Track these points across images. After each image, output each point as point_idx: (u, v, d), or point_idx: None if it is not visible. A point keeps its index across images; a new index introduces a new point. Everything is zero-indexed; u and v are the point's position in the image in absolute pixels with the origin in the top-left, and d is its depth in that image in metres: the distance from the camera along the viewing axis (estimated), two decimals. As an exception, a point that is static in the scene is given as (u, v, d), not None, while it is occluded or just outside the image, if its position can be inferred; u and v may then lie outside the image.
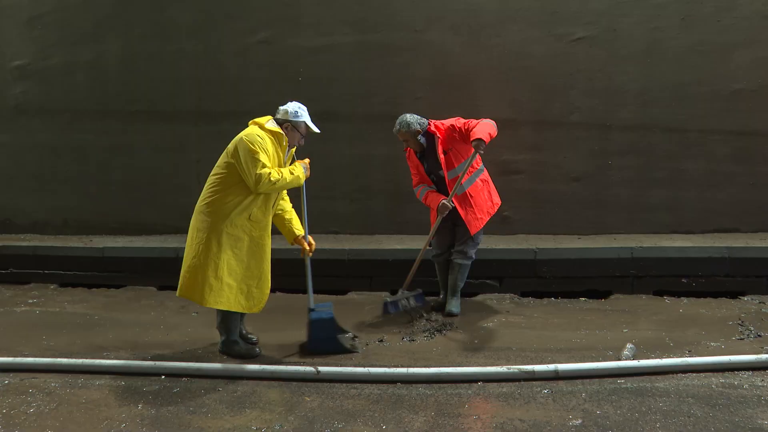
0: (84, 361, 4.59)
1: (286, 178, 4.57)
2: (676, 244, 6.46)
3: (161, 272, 6.69)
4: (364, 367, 4.43)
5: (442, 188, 5.55)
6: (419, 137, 5.46)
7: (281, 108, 4.78)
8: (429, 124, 5.48)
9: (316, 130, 4.84)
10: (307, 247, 5.04)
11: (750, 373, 4.45)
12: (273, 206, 4.84)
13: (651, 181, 6.89)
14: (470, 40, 6.63)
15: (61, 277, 7.00)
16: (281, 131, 4.67)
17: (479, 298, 6.13)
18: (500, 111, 6.20)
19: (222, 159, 4.68)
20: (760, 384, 4.27)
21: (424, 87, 6.70)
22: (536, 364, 4.44)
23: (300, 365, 4.49)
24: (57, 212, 7.71)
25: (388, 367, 4.46)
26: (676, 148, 6.85)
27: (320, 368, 4.37)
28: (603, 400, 4.04)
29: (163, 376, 4.42)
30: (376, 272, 6.33)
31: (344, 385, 4.28)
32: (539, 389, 4.19)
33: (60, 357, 4.70)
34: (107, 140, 7.36)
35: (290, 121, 4.73)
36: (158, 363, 4.54)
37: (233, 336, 4.84)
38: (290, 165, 4.82)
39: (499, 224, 6.44)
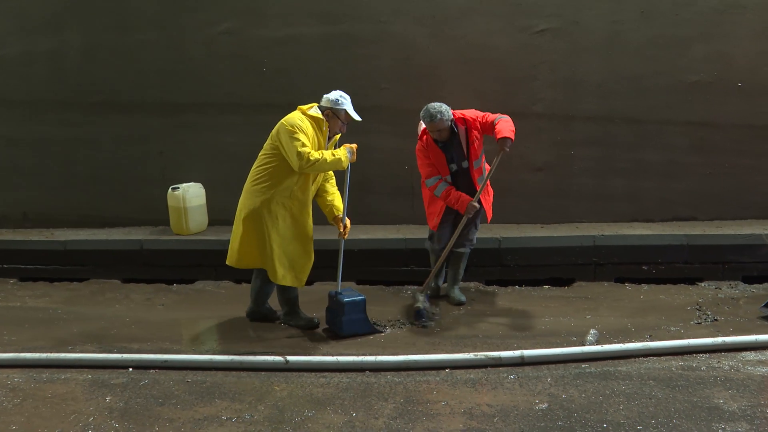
0: (49, 355, 4.56)
1: (326, 159, 4.80)
2: (637, 232, 6.60)
3: (126, 265, 6.64)
4: (333, 356, 4.48)
5: (461, 180, 5.51)
6: (452, 126, 5.41)
7: (324, 96, 5.03)
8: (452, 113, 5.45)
9: (357, 118, 5.05)
10: (341, 229, 5.22)
11: (707, 355, 4.61)
12: (313, 186, 5.11)
13: (612, 171, 7.01)
14: (435, 31, 6.66)
15: (21, 271, 6.88)
16: (322, 117, 4.95)
17: (445, 286, 6.18)
18: (464, 102, 6.23)
19: (267, 143, 5.05)
20: (716, 365, 4.42)
21: (388, 78, 6.71)
22: (502, 350, 4.52)
23: (269, 355, 4.51)
24: (17, 206, 7.55)
25: (357, 355, 4.50)
26: (637, 138, 6.97)
27: (289, 358, 4.41)
28: (568, 384, 4.14)
29: (130, 369, 4.41)
30: (343, 263, 6.32)
31: (313, 374, 4.33)
32: (506, 375, 4.27)
33: (23, 352, 4.64)
34: (68, 132, 7.22)
35: (331, 109, 4.95)
36: (125, 355, 4.53)
37: (294, 308, 5.25)
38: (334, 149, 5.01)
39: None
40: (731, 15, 6.77)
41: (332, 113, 5.00)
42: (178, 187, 6.63)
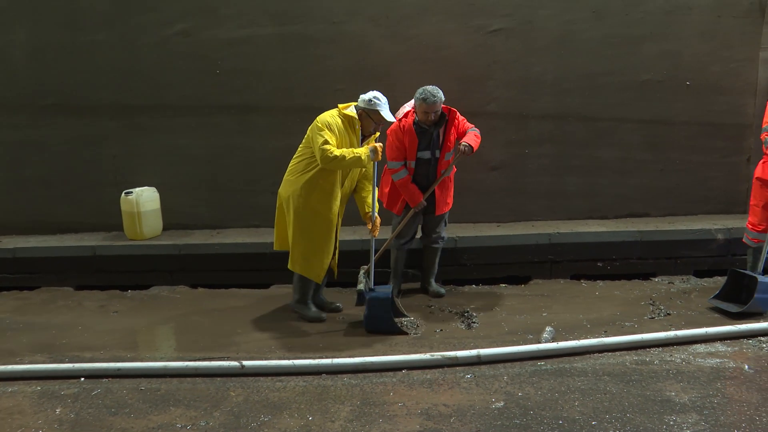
0: (-6, 368, 4.40)
1: (345, 157, 4.86)
2: (592, 229, 6.68)
3: (78, 272, 6.48)
4: (289, 359, 4.45)
5: (425, 169, 5.64)
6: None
7: (361, 95, 5.13)
8: None
9: (390, 119, 5.13)
10: (370, 225, 5.31)
11: (660, 349, 4.71)
12: (348, 182, 5.23)
13: (567, 168, 7.08)
14: (389, 31, 6.65)
15: (-34, 281, 6.63)
16: (355, 116, 5.07)
17: (402, 287, 6.19)
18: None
19: (306, 136, 5.17)
20: (669, 359, 4.51)
21: (344, 78, 6.69)
22: (459, 350, 4.54)
23: (225, 360, 4.47)
24: (-38, 212, 7.31)
25: (313, 358, 4.48)
26: (591, 136, 7.06)
27: (245, 362, 4.37)
28: (524, 382, 4.17)
29: (82, 378, 4.33)
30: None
31: (270, 378, 4.30)
32: (463, 374, 4.30)
33: (-33, 365, 4.47)
34: (17, 135, 6.99)
35: (364, 109, 5.06)
36: (77, 365, 4.43)
37: (303, 298, 5.39)
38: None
39: (421, 214, 6.51)
40: (678, 16, 6.91)
41: (365, 114, 5.11)
42: (132, 192, 6.52)
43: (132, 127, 6.82)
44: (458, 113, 5.62)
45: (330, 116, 5.05)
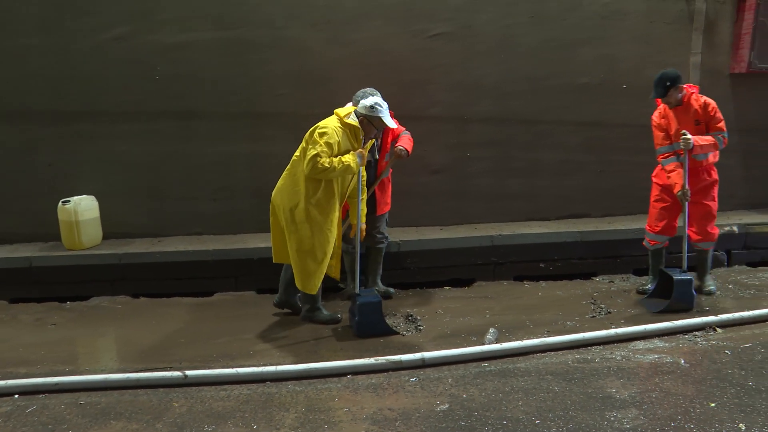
0: None
1: (335, 167, 4.85)
2: (534, 230, 6.77)
3: (13, 284, 6.24)
4: (233, 368, 4.39)
5: (369, 171, 5.67)
6: None
7: (361, 101, 5.10)
8: None
9: (391, 125, 5.15)
10: (354, 232, 5.37)
11: (601, 347, 4.82)
12: (340, 192, 5.16)
13: (509, 171, 7.18)
14: (330, 36, 6.64)
15: None
16: (357, 124, 5.05)
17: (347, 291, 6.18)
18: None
19: (300, 145, 5.10)
20: (609, 356, 4.61)
21: (285, 83, 6.65)
22: (403, 353, 4.55)
23: (167, 370, 4.39)
24: None
25: (257, 366, 4.44)
26: (531, 138, 7.17)
27: (188, 372, 4.30)
28: (468, 383, 4.21)
29: (16, 396, 4.17)
30: (241, 272, 6.26)
31: (213, 387, 4.24)
32: (407, 378, 4.31)
33: None
34: (-56, 143, 6.77)
35: (366, 116, 5.01)
36: (10, 381, 4.26)
37: (315, 303, 5.37)
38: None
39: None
40: (614, 21, 7.09)
41: (366, 120, 5.08)
42: (69, 200, 6.36)
43: (68, 134, 6.64)
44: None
45: (330, 126, 4.98)
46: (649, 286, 6.04)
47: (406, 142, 5.63)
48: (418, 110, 6.78)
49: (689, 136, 5.44)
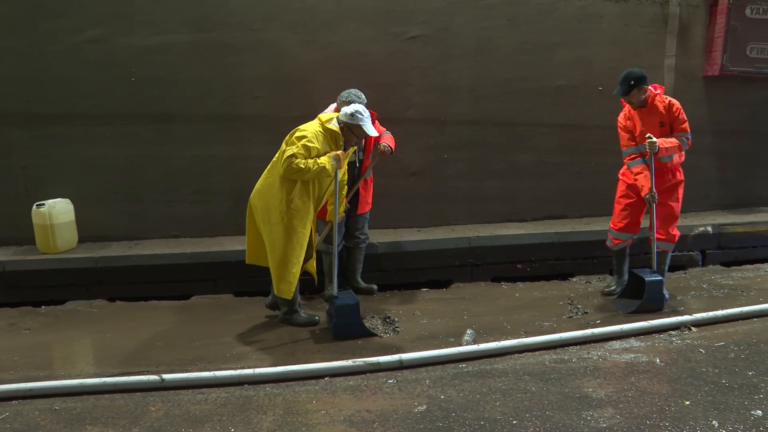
0: None
1: (310, 169, 4.88)
2: (511, 232, 6.82)
3: (-14, 288, 6.16)
4: (210, 371, 4.37)
5: (351, 174, 5.74)
6: None
7: (343, 108, 5.15)
8: None
9: (372, 133, 5.12)
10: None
11: (578, 347, 4.86)
12: (317, 197, 5.18)
13: (486, 173, 7.22)
14: (308, 38, 6.63)
15: None
16: (338, 130, 5.07)
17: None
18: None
19: (281, 147, 5.08)
20: (586, 356, 4.64)
21: (262, 86, 6.63)
22: (381, 355, 4.55)
23: (144, 374, 4.35)
24: None
25: (235, 369, 4.42)
26: (508, 141, 7.21)
27: (165, 375, 4.27)
28: (446, 384, 4.22)
29: (-11, 403, 4.09)
30: (219, 275, 6.22)
31: (190, 390, 4.21)
32: (385, 380, 4.31)
33: None
34: None
35: (347, 123, 5.02)
36: (-20, 388, 4.17)
37: (293, 306, 5.36)
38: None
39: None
40: (589, 24, 7.16)
41: (347, 128, 5.09)
42: (44, 204, 6.29)
43: (43, 137, 6.56)
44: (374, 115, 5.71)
45: (310, 130, 5.00)
46: (614, 287, 6.10)
47: (389, 140, 5.72)
48: (396, 113, 6.80)
49: (654, 139, 5.44)
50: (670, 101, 5.64)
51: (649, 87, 5.65)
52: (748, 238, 7.30)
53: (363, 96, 5.60)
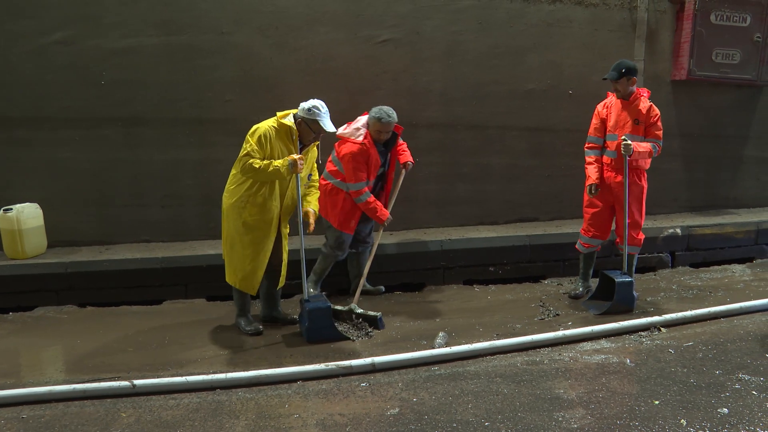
0: None
1: (266, 170, 4.83)
2: (482, 235, 6.85)
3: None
4: (182, 376, 4.34)
5: (379, 183, 5.96)
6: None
7: (301, 103, 5.05)
8: None
9: (329, 129, 5.03)
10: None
11: (550, 349, 4.90)
12: (279, 197, 5.13)
13: (457, 176, 7.25)
14: (278, 42, 6.61)
15: None
16: (292, 125, 5.00)
17: (295, 298, 6.16)
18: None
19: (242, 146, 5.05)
20: (557, 358, 4.68)
21: (233, 89, 6.60)
22: (354, 358, 4.56)
23: (115, 380, 4.30)
24: None
25: (207, 373, 4.39)
26: (479, 144, 7.25)
27: (136, 381, 4.22)
28: (419, 387, 4.23)
29: (-46, 411, 4.00)
30: (191, 279, 6.17)
31: (162, 396, 4.18)
32: (358, 383, 4.31)
33: None
34: None
35: (304, 118, 4.96)
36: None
37: (241, 311, 5.39)
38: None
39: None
40: (559, 28, 7.23)
41: (304, 123, 5.02)
42: (11, 208, 6.19)
43: (8, 141, 6.46)
44: (400, 129, 5.90)
45: (264, 126, 4.98)
46: (580, 289, 6.16)
47: (409, 156, 6.03)
48: (367, 116, 6.80)
49: (629, 142, 5.55)
50: (651, 106, 5.79)
51: (638, 87, 5.83)
52: (716, 239, 7.43)
53: (394, 115, 5.66)
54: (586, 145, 6.05)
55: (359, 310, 5.50)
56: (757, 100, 8.31)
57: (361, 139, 5.60)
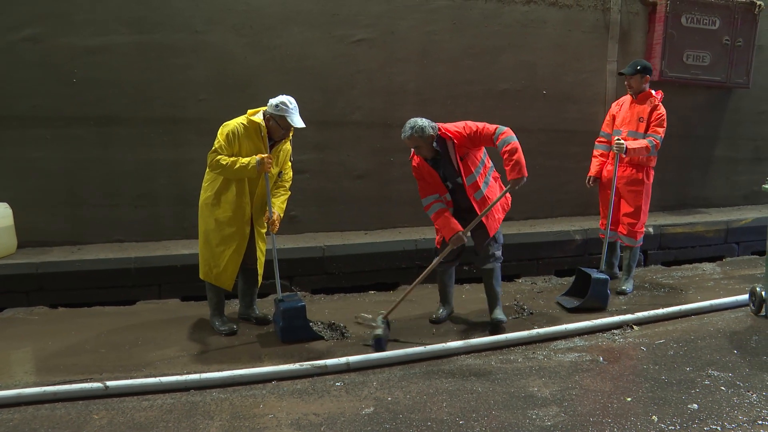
0: None
1: (232, 167, 4.87)
2: (457, 234, 6.84)
3: None
4: (156, 376, 4.29)
5: (459, 196, 5.24)
6: (433, 143, 5.02)
7: (270, 100, 5.03)
8: (439, 128, 5.03)
9: (297, 125, 4.99)
10: (266, 227, 5.30)
11: (524, 347, 4.93)
12: (252, 194, 5.13)
13: (431, 175, 7.24)
14: (252, 41, 6.58)
15: None
16: (261, 122, 4.99)
17: (269, 298, 6.13)
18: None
19: None
20: (531, 356, 4.72)
21: (206, 89, 6.55)
22: (328, 358, 4.54)
23: (87, 382, 4.25)
24: None
25: (181, 374, 4.36)
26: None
27: (108, 383, 4.18)
28: (393, 386, 4.23)
29: None
30: (165, 279, 6.12)
31: (135, 397, 4.13)
32: (332, 383, 4.31)
33: None
34: None
35: (272, 114, 4.94)
36: None
37: (215, 311, 5.40)
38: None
39: (287, 224, 6.46)
40: (533, 29, 7.28)
41: (273, 119, 5.00)
42: (-20, 208, 6.12)
43: (-23, 140, 6.37)
44: (456, 130, 5.05)
45: (233, 123, 5.00)
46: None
47: (515, 166, 5.06)
48: (341, 116, 6.81)
49: (622, 141, 5.79)
50: (658, 105, 6.01)
51: (651, 89, 6.07)
52: (687, 238, 7.53)
53: (407, 127, 4.97)
54: (596, 140, 6.43)
55: (374, 322, 5.22)
56: (726, 101, 8.44)
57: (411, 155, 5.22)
